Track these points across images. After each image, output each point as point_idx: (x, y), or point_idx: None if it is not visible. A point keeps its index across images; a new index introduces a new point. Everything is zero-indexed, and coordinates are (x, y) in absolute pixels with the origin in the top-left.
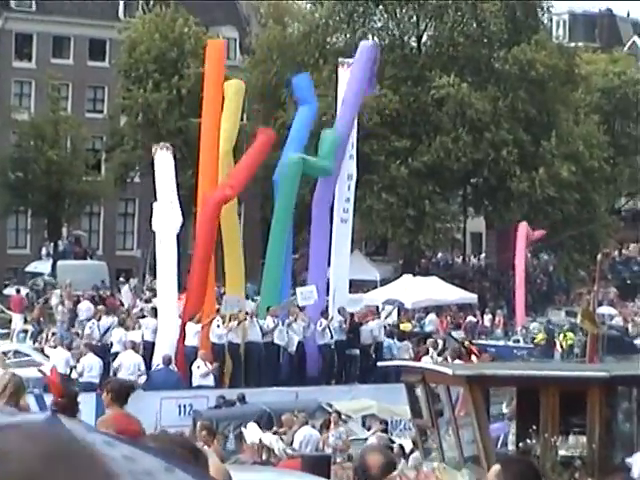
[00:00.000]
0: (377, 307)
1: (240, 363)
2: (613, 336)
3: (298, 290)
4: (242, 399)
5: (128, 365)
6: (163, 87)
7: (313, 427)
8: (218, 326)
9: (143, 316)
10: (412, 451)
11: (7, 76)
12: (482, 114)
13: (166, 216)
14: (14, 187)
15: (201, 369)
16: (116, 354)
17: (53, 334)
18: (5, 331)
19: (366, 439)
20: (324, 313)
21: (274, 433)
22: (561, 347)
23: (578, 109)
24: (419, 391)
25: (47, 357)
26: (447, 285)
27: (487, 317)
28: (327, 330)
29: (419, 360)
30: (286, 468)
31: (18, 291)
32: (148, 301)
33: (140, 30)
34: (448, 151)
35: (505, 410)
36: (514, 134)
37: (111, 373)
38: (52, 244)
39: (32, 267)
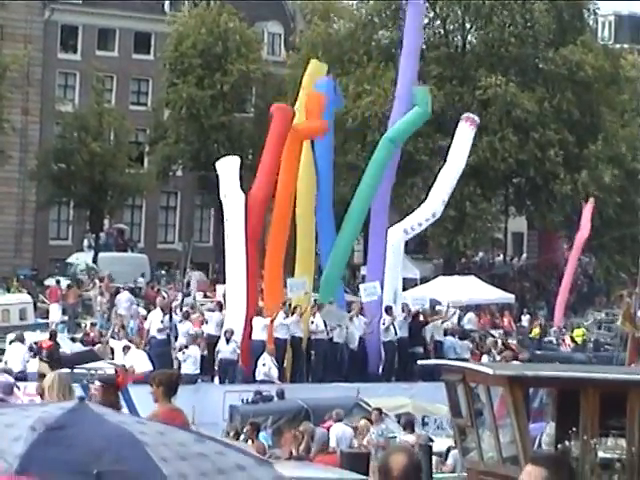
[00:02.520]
0: (435, 307)
1: (302, 357)
2: None
3: (361, 286)
4: (281, 395)
5: (194, 358)
6: (207, 83)
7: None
8: (284, 317)
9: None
10: (449, 450)
11: (52, 67)
12: (529, 114)
13: (235, 208)
14: (57, 178)
15: (266, 366)
16: (181, 347)
17: (92, 325)
18: (45, 321)
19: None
20: (388, 310)
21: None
22: (573, 342)
23: (623, 112)
24: (459, 390)
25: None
26: (485, 285)
27: (525, 317)
28: (391, 327)
29: (479, 360)
30: (323, 464)
31: (58, 282)
32: (188, 294)
33: (188, 24)
34: (494, 151)
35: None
36: (560, 135)
37: (174, 365)
38: (94, 236)
39: (73, 258)
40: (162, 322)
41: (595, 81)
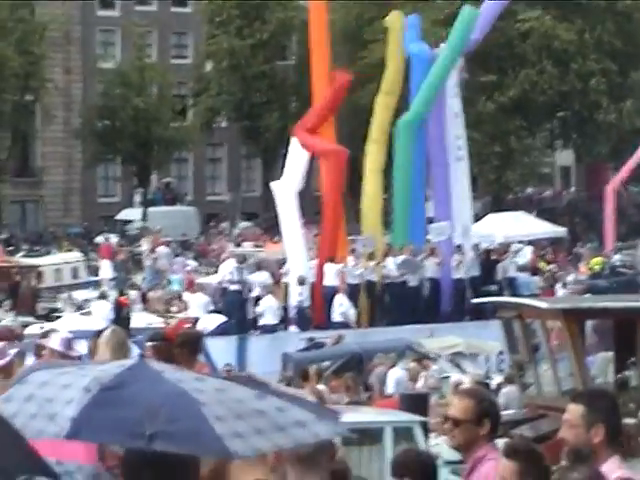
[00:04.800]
0: (508, 245)
1: (377, 301)
2: None
3: (431, 226)
4: (338, 341)
5: (272, 309)
6: (246, 32)
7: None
8: (354, 265)
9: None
10: (499, 387)
11: (92, 25)
12: (568, 45)
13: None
14: (102, 136)
15: (344, 305)
16: (257, 298)
17: (143, 279)
18: (97, 279)
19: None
20: (459, 248)
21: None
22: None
23: None
24: (515, 326)
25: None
26: (535, 220)
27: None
28: (461, 265)
29: (552, 294)
30: (383, 407)
31: (107, 239)
32: (239, 245)
33: None
34: (534, 84)
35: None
36: (601, 65)
37: (249, 317)
38: (142, 191)
39: (123, 215)
40: (231, 273)
41: (635, 11)
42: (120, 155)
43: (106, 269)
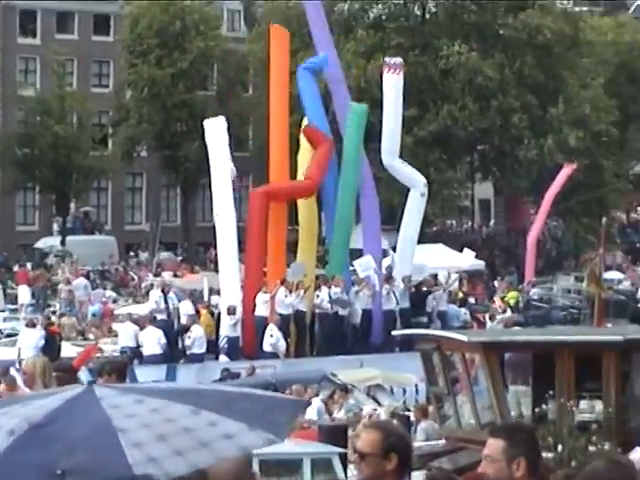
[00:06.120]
0: (436, 276)
1: (305, 332)
2: (619, 300)
3: (356, 263)
4: (252, 372)
5: (200, 339)
6: (165, 62)
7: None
8: (285, 295)
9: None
10: (418, 421)
11: (12, 53)
12: (490, 81)
13: (224, 188)
14: (21, 163)
15: (274, 337)
16: (185, 328)
17: (53, 312)
18: (15, 306)
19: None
20: (388, 279)
21: None
22: (506, 305)
23: (585, 74)
24: (435, 359)
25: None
26: (454, 252)
27: (498, 284)
28: (392, 295)
29: (482, 326)
30: (301, 439)
31: (23, 266)
32: (157, 275)
33: (142, 4)
34: (455, 119)
35: None
36: (522, 100)
37: (180, 346)
38: (60, 220)
39: (41, 243)
40: (156, 302)
41: (555, 44)
42: (39, 183)
43: (24, 294)
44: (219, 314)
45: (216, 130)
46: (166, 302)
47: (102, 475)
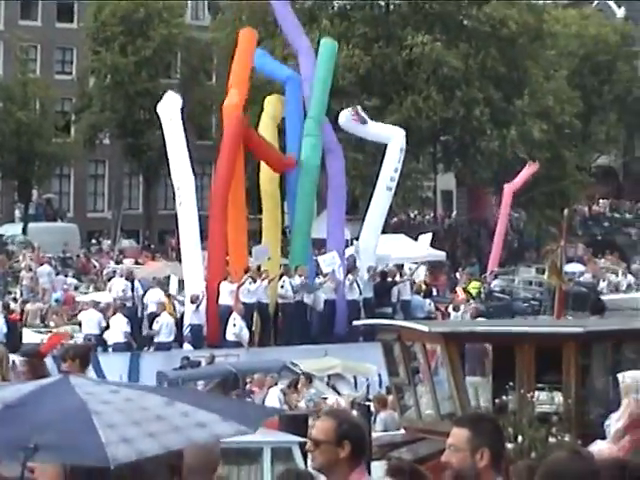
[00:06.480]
0: (402, 266)
1: (269, 322)
2: (580, 293)
3: (320, 259)
4: (211, 361)
5: (168, 326)
6: (129, 50)
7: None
8: (250, 283)
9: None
10: (377, 411)
11: None
12: (455, 72)
13: (183, 174)
14: None
15: (237, 326)
16: (152, 315)
17: (21, 294)
18: None
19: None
20: (352, 269)
21: (243, 394)
22: (468, 295)
23: (549, 65)
24: (395, 349)
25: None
26: (415, 243)
27: (459, 274)
28: (355, 285)
29: (446, 318)
30: (262, 427)
31: None
32: (119, 262)
33: None
34: (419, 110)
35: None
36: (485, 92)
37: (144, 332)
38: (23, 206)
39: (3, 230)
40: (123, 290)
41: (519, 37)
42: (1, 170)
43: None
44: (182, 302)
45: (170, 108)
46: (133, 290)
47: (75, 452)
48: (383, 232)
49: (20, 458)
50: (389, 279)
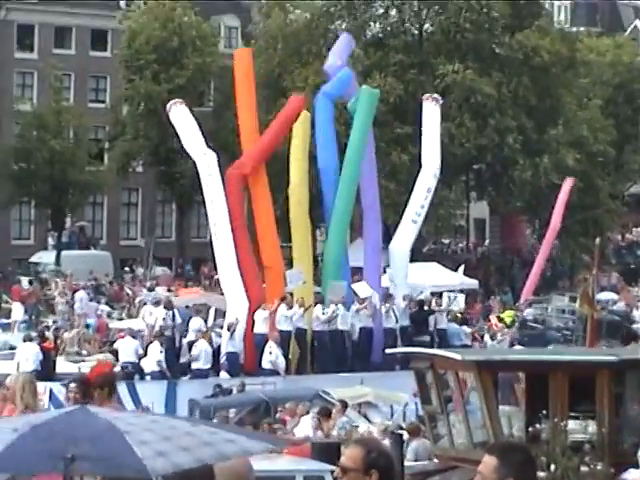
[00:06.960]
0: (440, 294)
1: (307, 349)
2: (613, 321)
3: (354, 286)
4: (242, 388)
5: (206, 352)
6: (163, 77)
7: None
8: (287, 309)
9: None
10: (409, 440)
11: (9, 67)
12: (487, 99)
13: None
14: (17, 178)
15: (273, 354)
16: (191, 342)
17: (54, 322)
18: (8, 321)
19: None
20: (388, 297)
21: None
22: (503, 323)
23: (582, 94)
24: (428, 377)
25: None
26: (448, 271)
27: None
28: (391, 313)
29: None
30: (295, 455)
31: (19, 281)
32: (152, 290)
33: (140, 20)
34: (452, 137)
35: None
36: (518, 120)
37: (182, 360)
38: (56, 234)
39: (36, 258)
40: (164, 319)
41: (552, 65)
42: (35, 198)
43: (18, 311)
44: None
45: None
46: (173, 319)
47: (113, 465)
48: (416, 260)
49: (60, 468)
50: (426, 307)
